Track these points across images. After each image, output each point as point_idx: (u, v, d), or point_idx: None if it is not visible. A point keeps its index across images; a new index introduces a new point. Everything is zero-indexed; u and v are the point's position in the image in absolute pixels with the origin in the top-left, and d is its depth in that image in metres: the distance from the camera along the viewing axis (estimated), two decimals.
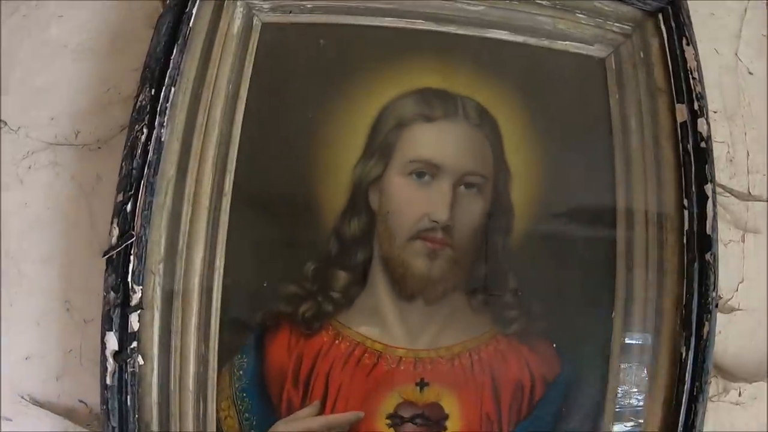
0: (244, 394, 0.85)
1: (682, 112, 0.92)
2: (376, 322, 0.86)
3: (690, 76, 0.92)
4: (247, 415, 0.85)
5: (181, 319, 0.82)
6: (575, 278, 0.87)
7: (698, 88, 0.93)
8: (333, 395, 0.85)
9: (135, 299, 0.80)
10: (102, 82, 0.91)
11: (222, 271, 0.84)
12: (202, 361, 0.83)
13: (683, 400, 0.83)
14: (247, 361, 0.85)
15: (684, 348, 0.84)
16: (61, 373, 0.87)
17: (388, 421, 0.86)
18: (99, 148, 0.90)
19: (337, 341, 0.86)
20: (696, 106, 0.90)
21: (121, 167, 0.82)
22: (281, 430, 0.84)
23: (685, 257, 0.87)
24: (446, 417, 0.86)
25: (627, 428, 0.85)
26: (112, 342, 0.79)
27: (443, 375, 0.86)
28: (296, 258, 0.85)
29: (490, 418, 0.86)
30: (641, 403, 0.86)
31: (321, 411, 0.85)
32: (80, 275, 0.88)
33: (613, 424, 0.85)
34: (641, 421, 0.86)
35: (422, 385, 0.86)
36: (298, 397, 0.85)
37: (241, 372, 0.86)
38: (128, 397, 0.78)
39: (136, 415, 0.79)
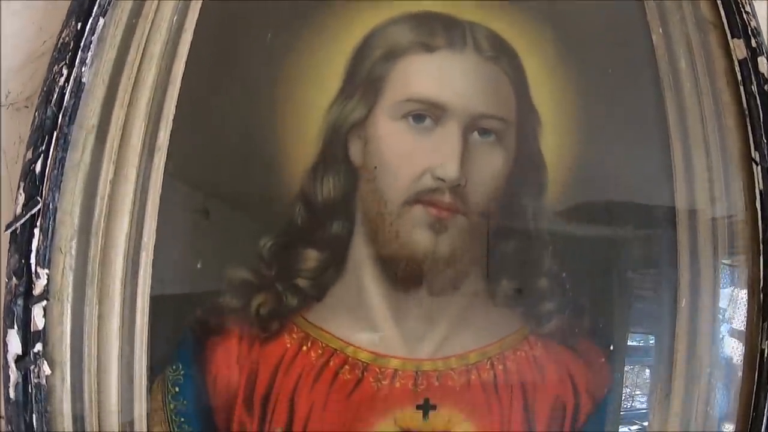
0: (182, 419, 0.56)
1: (740, 49, 0.66)
2: (359, 321, 0.56)
3: (742, 9, 0.65)
4: None
5: (97, 314, 0.58)
6: (630, 255, 0.58)
7: (753, 23, 0.67)
8: (301, 422, 0.56)
9: (39, 287, 0.58)
10: (39, 34, 0.70)
11: (152, 249, 0.57)
12: (126, 370, 0.58)
13: (765, 407, 0.60)
14: (184, 373, 0.56)
15: (765, 342, 0.61)
16: None
17: None
18: (26, 107, 0.68)
19: (304, 348, 0.56)
20: (754, 43, 0.68)
21: (34, 118, 0.61)
22: None
23: (760, 229, 0.61)
24: None
25: None
26: (15, 343, 0.57)
27: (455, 394, 0.56)
28: (248, 231, 0.56)
29: None
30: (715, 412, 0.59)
31: None
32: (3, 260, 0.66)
33: None
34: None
35: (427, 408, 0.56)
36: (253, 425, 0.56)
37: (177, 389, 0.56)
38: (33, 416, 0.56)
39: None
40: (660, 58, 0.68)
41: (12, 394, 0.56)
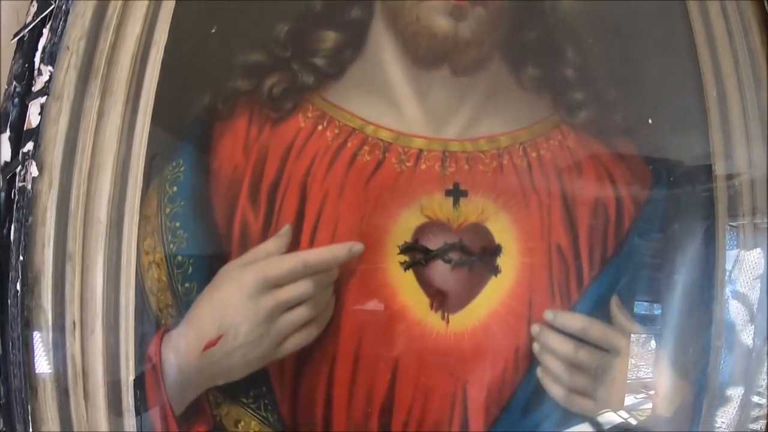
0: (177, 224, 0.47)
1: None
2: (380, 98, 0.50)
3: None
4: (180, 257, 0.46)
5: (97, 109, 0.51)
6: (654, 52, 0.53)
7: None
8: (313, 215, 0.47)
9: (40, 83, 0.51)
10: None
11: (162, 46, 0.51)
12: (121, 171, 0.49)
13: None
14: (184, 170, 0.48)
15: None
16: None
17: (404, 258, 0.45)
18: None
19: (320, 127, 0.48)
20: None
21: None
22: (233, 277, 0.42)
23: None
24: (497, 250, 0.46)
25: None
26: (4, 149, 0.50)
27: (488, 180, 0.48)
28: (264, 19, 0.51)
29: (563, 252, 0.47)
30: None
31: (294, 243, 0.45)
32: None
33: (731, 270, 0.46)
34: None
35: (457, 194, 0.47)
36: (258, 219, 0.47)
37: (174, 189, 0.48)
38: (12, 227, 0.48)
39: (21, 257, 0.47)
40: None
41: None
